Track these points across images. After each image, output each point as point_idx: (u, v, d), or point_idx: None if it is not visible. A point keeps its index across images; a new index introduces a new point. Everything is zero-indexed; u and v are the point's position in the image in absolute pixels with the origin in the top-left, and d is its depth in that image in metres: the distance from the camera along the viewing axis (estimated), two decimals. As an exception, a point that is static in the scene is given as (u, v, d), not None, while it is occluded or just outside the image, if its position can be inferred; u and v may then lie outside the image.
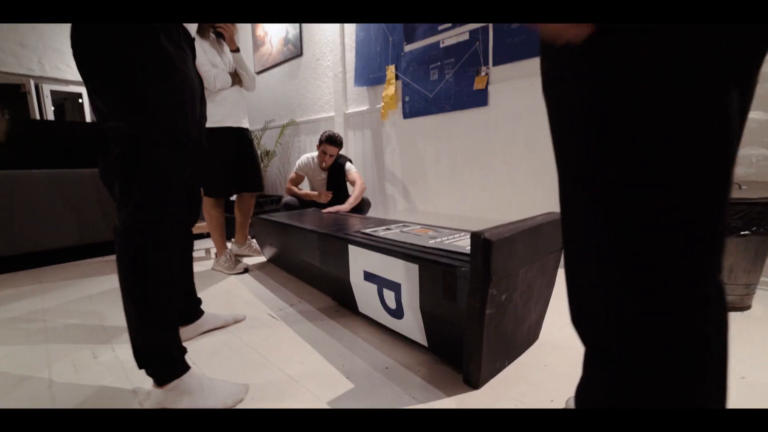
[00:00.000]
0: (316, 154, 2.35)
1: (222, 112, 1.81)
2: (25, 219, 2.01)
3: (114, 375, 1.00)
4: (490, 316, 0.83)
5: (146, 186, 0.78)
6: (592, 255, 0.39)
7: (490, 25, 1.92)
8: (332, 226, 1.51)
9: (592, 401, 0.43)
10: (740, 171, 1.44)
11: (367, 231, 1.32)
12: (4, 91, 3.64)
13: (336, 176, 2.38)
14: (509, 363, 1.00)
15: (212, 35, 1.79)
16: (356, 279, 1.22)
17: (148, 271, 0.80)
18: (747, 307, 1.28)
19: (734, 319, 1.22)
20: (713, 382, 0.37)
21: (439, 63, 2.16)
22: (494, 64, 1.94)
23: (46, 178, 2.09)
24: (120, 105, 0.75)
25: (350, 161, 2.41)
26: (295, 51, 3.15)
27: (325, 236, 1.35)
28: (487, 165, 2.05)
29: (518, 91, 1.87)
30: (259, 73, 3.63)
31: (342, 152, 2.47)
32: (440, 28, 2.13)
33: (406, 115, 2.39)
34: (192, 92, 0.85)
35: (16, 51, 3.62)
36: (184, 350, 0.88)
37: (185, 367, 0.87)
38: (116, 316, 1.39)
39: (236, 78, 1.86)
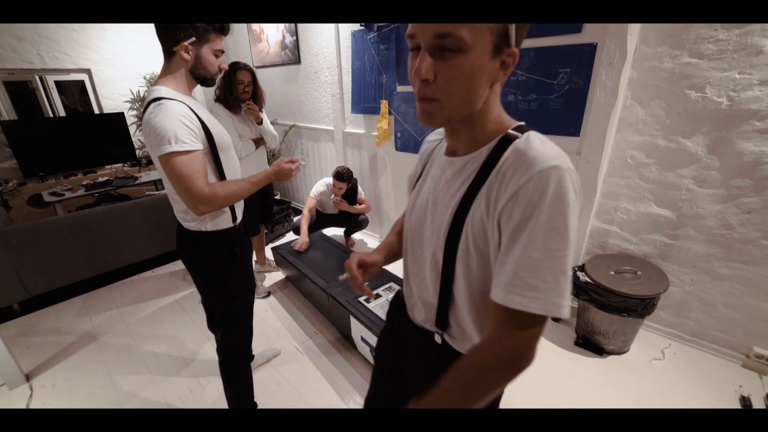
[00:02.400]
0: (329, 180, 2.73)
1: (251, 171, 2.19)
2: (89, 248, 2.50)
3: (208, 407, 1.62)
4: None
5: (236, 333, 1.31)
6: None
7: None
8: (338, 282, 2.01)
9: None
10: (647, 250, 1.88)
11: (363, 300, 1.83)
12: (13, 90, 3.76)
13: (349, 197, 2.79)
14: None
15: (243, 111, 2.10)
16: (356, 337, 1.78)
17: (242, 381, 1.39)
18: (626, 351, 1.86)
19: (610, 361, 1.81)
20: None
21: (427, 111, 2.40)
22: (473, 126, 2.20)
23: (107, 211, 2.51)
24: (216, 292, 1.24)
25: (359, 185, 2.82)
26: (294, 58, 3.23)
27: (335, 300, 1.87)
28: (464, 207, 2.45)
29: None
30: (258, 67, 3.70)
31: (349, 168, 2.79)
32: (429, 79, 2.31)
33: (398, 148, 2.68)
34: (251, 270, 1.33)
35: (15, 45, 3.62)
36: (256, 405, 1.49)
37: (256, 415, 1.48)
38: (186, 348, 1.99)
39: (261, 141, 2.21)
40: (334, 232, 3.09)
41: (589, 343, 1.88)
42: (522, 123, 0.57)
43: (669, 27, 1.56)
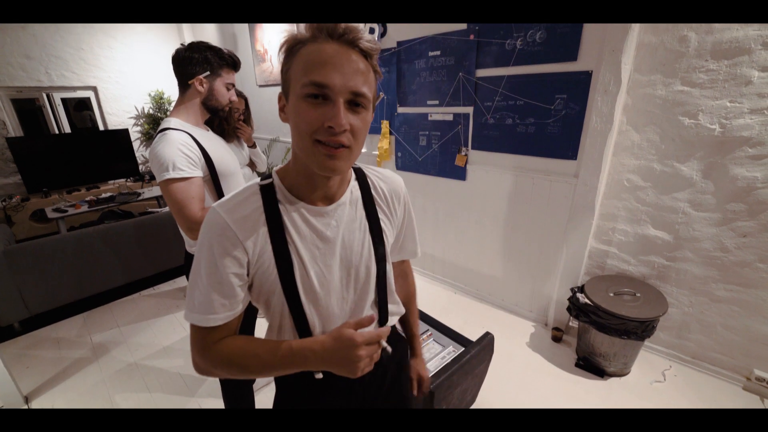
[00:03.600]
0: None
1: None
2: (91, 266, 2.51)
3: None
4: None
5: None
6: None
7: (471, 114, 2.19)
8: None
9: None
10: (646, 271, 1.90)
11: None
12: (20, 107, 3.84)
13: None
14: (453, 426, 1.60)
15: (236, 138, 2.13)
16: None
17: (243, 404, 1.39)
18: (627, 373, 1.85)
19: (611, 384, 1.80)
20: None
21: (427, 132, 2.45)
22: (473, 148, 2.25)
23: (109, 229, 2.53)
24: None
25: None
26: (296, 78, 3.30)
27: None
28: (463, 226, 2.48)
29: (490, 175, 2.22)
30: (261, 86, 3.78)
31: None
32: (428, 102, 2.37)
33: (399, 167, 2.73)
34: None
35: (24, 64, 3.71)
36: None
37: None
38: (186, 368, 1.98)
39: (253, 166, 2.22)
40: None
41: (590, 364, 1.88)
42: None
43: (661, 56, 1.62)
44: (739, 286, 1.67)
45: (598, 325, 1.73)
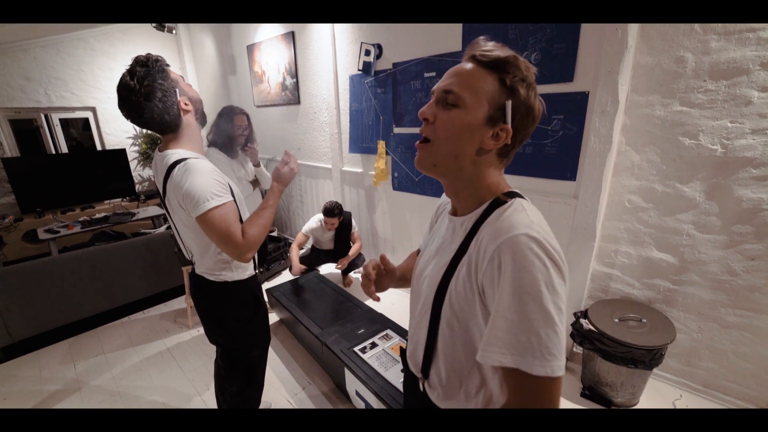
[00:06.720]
0: (323, 216, 2.70)
1: (246, 213, 2.22)
2: (79, 291, 2.43)
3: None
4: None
5: (255, 384, 1.33)
6: None
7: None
8: (333, 329, 1.94)
9: None
10: (651, 295, 1.83)
11: (358, 350, 1.75)
12: (18, 127, 3.84)
13: (342, 232, 2.78)
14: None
15: (244, 153, 2.18)
16: (351, 391, 1.69)
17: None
18: (635, 404, 1.76)
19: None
20: None
21: (423, 152, 2.42)
22: (470, 168, 2.22)
23: (100, 251, 2.47)
24: (237, 343, 1.24)
25: (353, 219, 2.81)
26: (293, 99, 3.31)
27: (329, 350, 1.80)
28: (462, 247, 2.42)
29: (488, 195, 2.18)
30: (259, 107, 3.79)
31: (338, 203, 2.73)
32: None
33: (396, 187, 2.69)
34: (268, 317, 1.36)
35: (24, 85, 3.74)
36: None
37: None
38: (173, 400, 1.89)
39: (256, 183, 2.24)
40: (330, 269, 3.04)
41: (596, 394, 1.79)
42: (515, 190, 0.62)
43: (658, 77, 1.60)
44: (749, 312, 1.59)
45: (604, 353, 1.65)
